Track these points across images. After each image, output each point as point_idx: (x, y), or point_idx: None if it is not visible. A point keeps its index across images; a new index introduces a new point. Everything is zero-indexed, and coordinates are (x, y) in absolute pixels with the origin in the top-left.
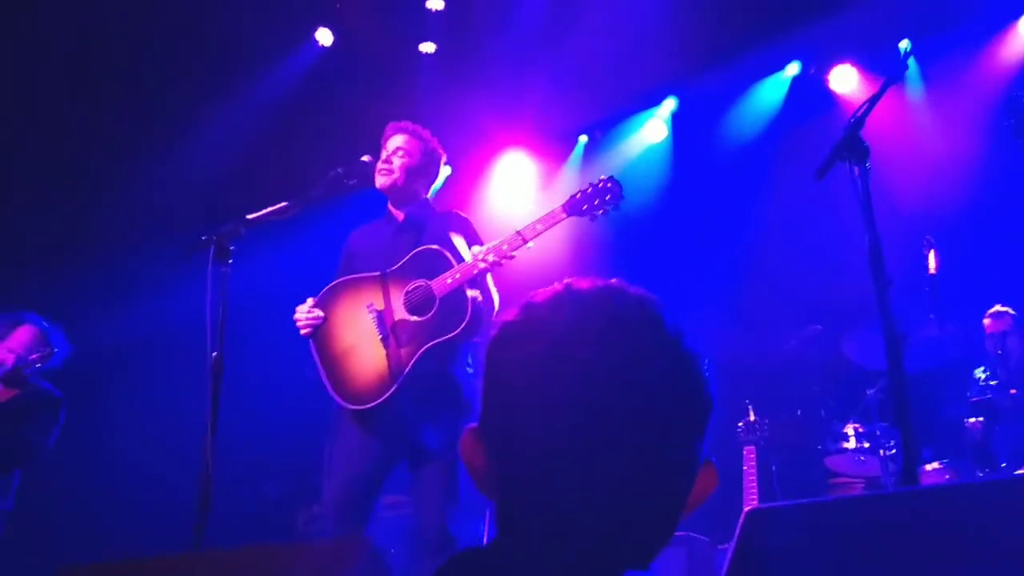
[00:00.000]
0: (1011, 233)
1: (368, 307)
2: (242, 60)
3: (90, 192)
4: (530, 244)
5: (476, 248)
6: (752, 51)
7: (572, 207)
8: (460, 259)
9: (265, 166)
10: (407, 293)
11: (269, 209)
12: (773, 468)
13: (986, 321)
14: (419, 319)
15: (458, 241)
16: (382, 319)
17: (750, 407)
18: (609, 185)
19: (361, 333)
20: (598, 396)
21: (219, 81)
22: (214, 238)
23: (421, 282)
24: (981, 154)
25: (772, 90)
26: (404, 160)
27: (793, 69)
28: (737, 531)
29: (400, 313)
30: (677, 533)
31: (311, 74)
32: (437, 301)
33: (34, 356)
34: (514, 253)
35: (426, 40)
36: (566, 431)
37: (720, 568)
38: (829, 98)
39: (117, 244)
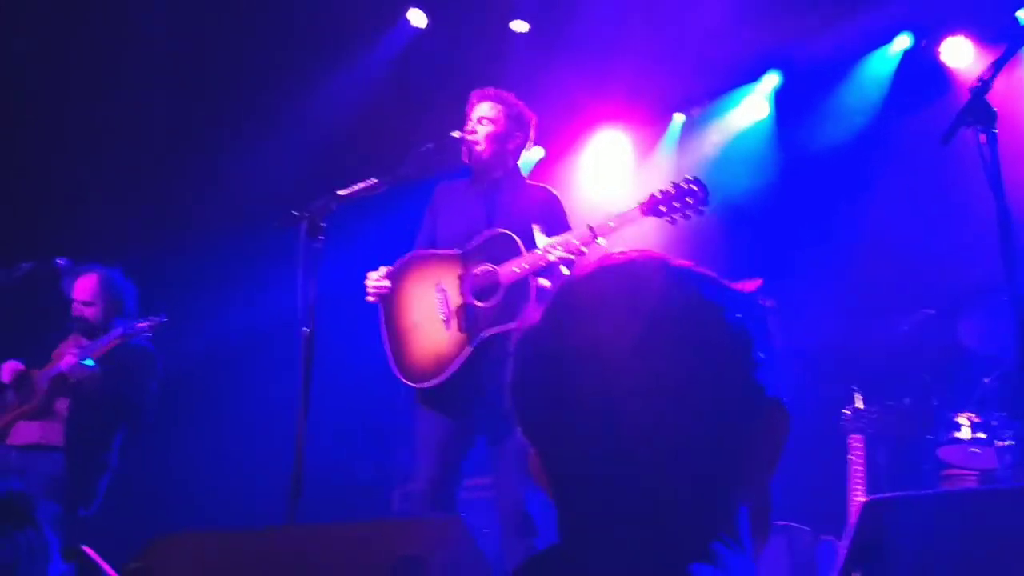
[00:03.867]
0: None
1: (436, 285)
2: (335, 42)
3: (188, 178)
4: (602, 241)
5: (545, 240)
6: (859, 23)
7: (650, 207)
8: (532, 246)
9: (360, 149)
10: (475, 276)
11: (359, 185)
12: (880, 458)
13: None
14: (483, 304)
15: (540, 222)
16: (447, 300)
17: (857, 394)
18: (694, 188)
19: (425, 311)
20: (629, 376)
21: (312, 65)
22: (306, 215)
23: (490, 266)
24: None
25: (881, 64)
26: (489, 128)
27: (904, 42)
28: (855, 522)
29: (466, 296)
30: (778, 523)
31: (404, 56)
32: (502, 288)
33: (142, 325)
34: (585, 249)
35: (517, 18)
36: (603, 419)
37: (822, 559)
38: (941, 72)
39: (214, 228)
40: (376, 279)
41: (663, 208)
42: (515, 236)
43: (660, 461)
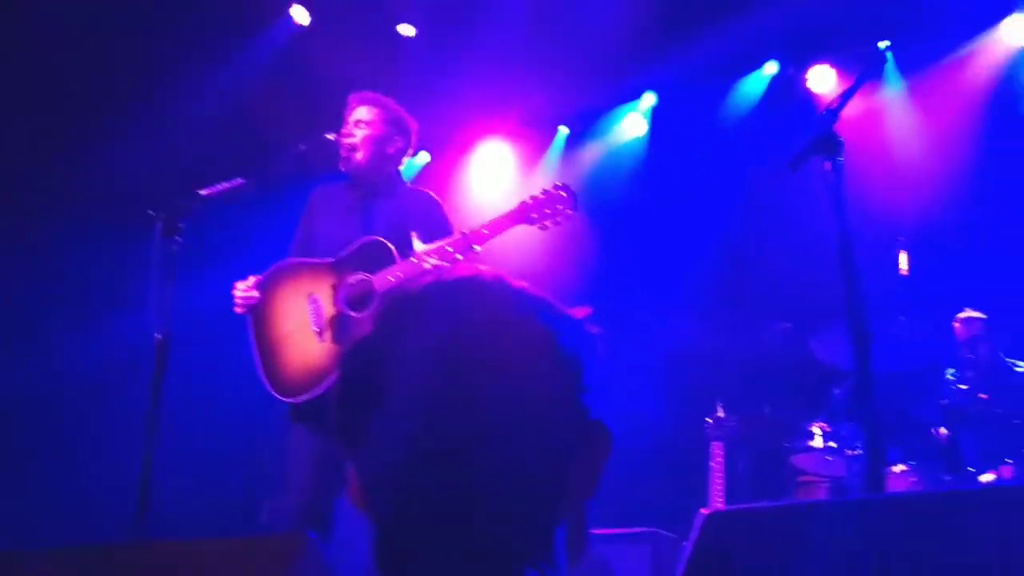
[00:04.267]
0: (984, 236)
1: (308, 296)
2: (213, 35)
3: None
4: (477, 247)
5: (421, 246)
6: (730, 48)
7: (521, 214)
8: (409, 254)
9: (234, 149)
10: (349, 285)
11: (224, 185)
12: (740, 465)
13: (956, 325)
14: (357, 314)
15: (419, 228)
16: (319, 310)
17: (719, 404)
18: (562, 194)
19: (297, 322)
20: (452, 394)
21: (188, 57)
22: (162, 214)
23: (364, 275)
24: (956, 156)
25: (751, 88)
26: (366, 132)
27: (772, 68)
28: (695, 533)
29: (340, 306)
30: (642, 529)
31: (285, 53)
32: (377, 297)
33: None
34: (460, 256)
35: (405, 22)
36: (423, 437)
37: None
38: (807, 97)
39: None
40: (244, 289)
41: (534, 215)
42: (389, 244)
43: (479, 483)
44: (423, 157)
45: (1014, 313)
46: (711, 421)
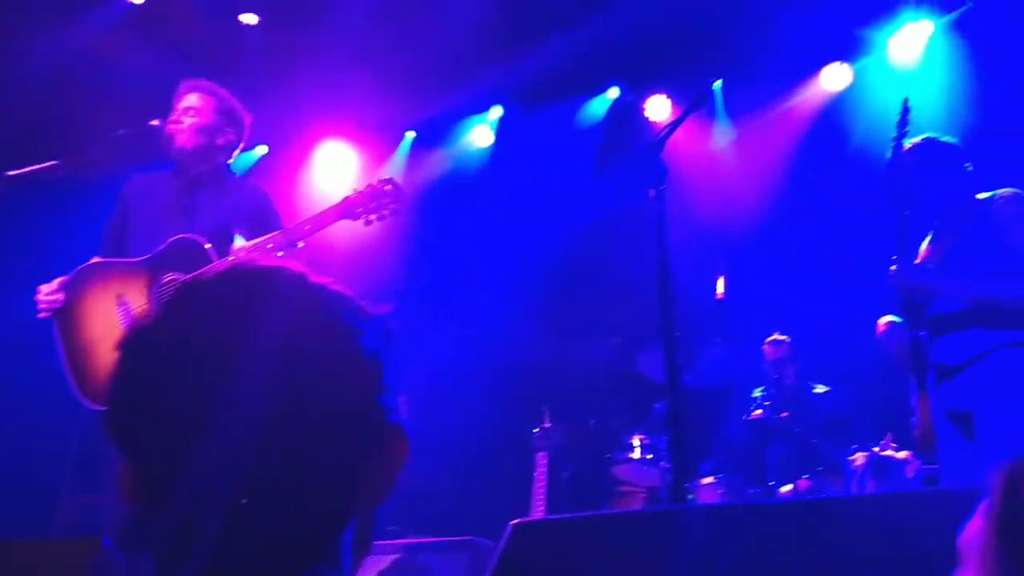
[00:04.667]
0: (794, 266)
1: (118, 298)
2: (36, 6)
3: None
4: (300, 244)
5: (240, 242)
6: (576, 69)
7: (345, 209)
8: (225, 252)
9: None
10: (163, 286)
11: (35, 167)
12: (564, 475)
13: (765, 347)
14: None
15: (246, 222)
16: (129, 313)
17: (547, 414)
18: (387, 188)
19: (107, 326)
20: (242, 390)
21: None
22: None
23: (178, 276)
24: (774, 191)
25: (594, 109)
26: (195, 120)
27: (613, 92)
28: (501, 543)
29: (153, 309)
30: (462, 538)
31: (116, 32)
32: None
33: None
34: (280, 253)
35: (248, 11)
36: (208, 433)
37: None
38: (644, 124)
39: None
40: (47, 292)
41: (359, 209)
42: (204, 242)
43: (261, 481)
44: (260, 150)
45: (819, 338)
46: (538, 431)
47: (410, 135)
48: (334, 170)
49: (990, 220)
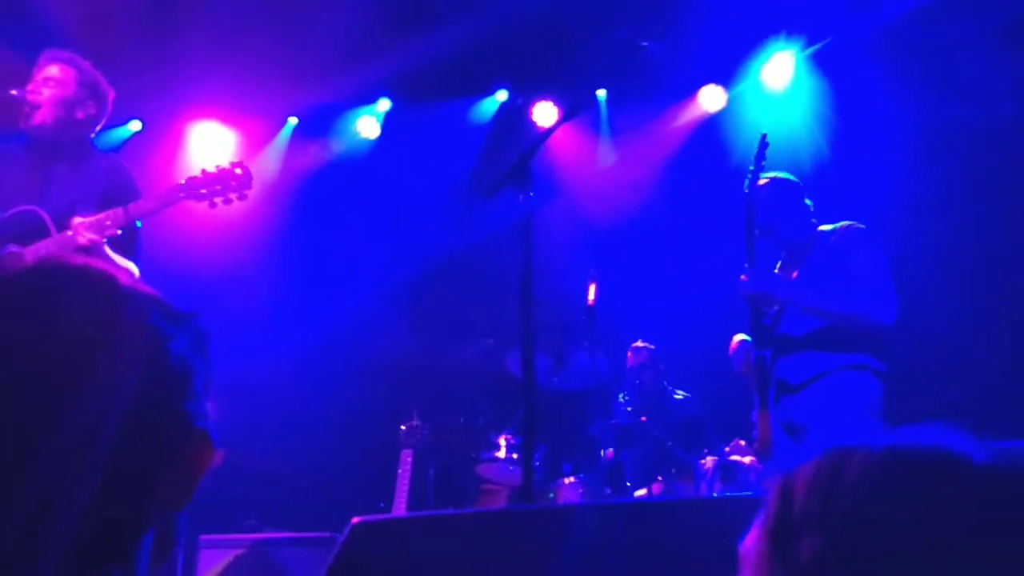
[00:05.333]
0: (661, 276)
1: None
2: None
3: None
4: (138, 223)
5: (79, 219)
6: (465, 70)
7: (190, 189)
8: (67, 225)
9: None
10: (1, 258)
11: None
12: (430, 473)
13: (629, 353)
14: None
15: (103, 196)
16: None
17: (415, 412)
18: (237, 172)
19: None
20: (36, 391)
21: None
22: None
23: (16, 249)
24: (648, 202)
25: (482, 110)
26: (55, 91)
27: (502, 95)
28: (341, 540)
29: None
30: (319, 534)
31: None
32: None
33: None
34: (119, 231)
35: None
36: None
37: None
38: (531, 129)
39: None
40: None
41: (203, 191)
42: (43, 215)
43: (61, 488)
44: (134, 125)
45: (681, 346)
46: (404, 429)
47: (292, 121)
48: (210, 151)
49: (832, 249)
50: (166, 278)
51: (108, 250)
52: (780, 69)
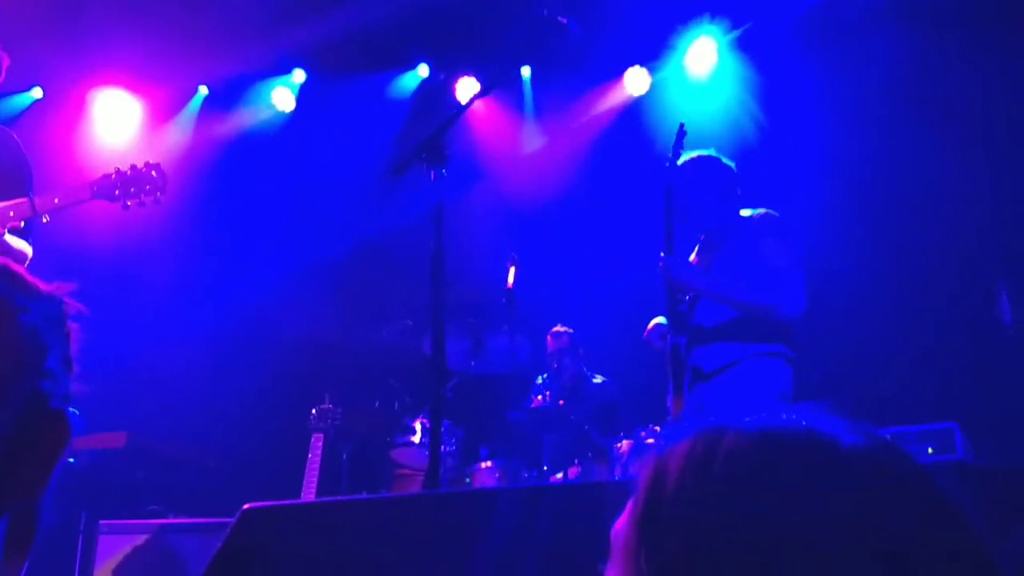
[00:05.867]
0: (583, 261)
1: None
2: None
3: None
4: (44, 218)
5: None
6: (385, 43)
7: (101, 189)
8: None
9: None
10: None
11: None
12: (343, 457)
13: (548, 338)
14: None
15: None
16: None
17: (327, 394)
18: (153, 174)
19: None
20: None
21: None
22: None
23: None
24: (569, 185)
25: (403, 84)
26: None
27: (423, 71)
28: (231, 527)
29: None
30: (219, 520)
31: None
32: None
33: None
34: (21, 223)
35: None
36: None
37: None
38: (454, 106)
39: None
40: None
41: (117, 191)
42: None
43: None
44: (35, 93)
45: (600, 330)
46: (315, 412)
47: (203, 90)
48: (114, 120)
49: (747, 237)
50: (67, 255)
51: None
52: (704, 54)
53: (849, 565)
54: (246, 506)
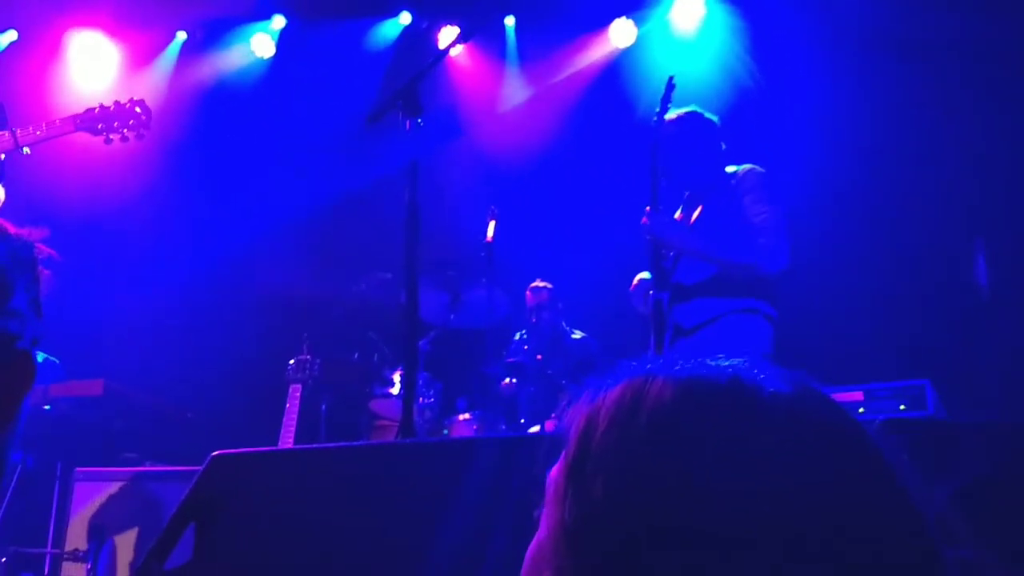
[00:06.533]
0: (563, 215)
1: None
2: None
3: None
4: (26, 150)
5: None
6: None
7: (86, 122)
8: None
9: None
10: None
11: None
12: (322, 408)
13: (527, 293)
14: None
15: None
16: None
17: (305, 345)
18: (137, 110)
19: None
20: None
21: None
22: None
23: None
24: (554, 138)
25: (384, 33)
26: None
27: (405, 18)
28: (199, 472)
29: None
30: (195, 467)
31: None
32: None
33: None
34: (2, 155)
35: None
36: None
37: None
38: (435, 54)
39: None
40: None
41: (100, 125)
42: None
43: None
44: (9, 36)
45: (581, 285)
46: (293, 363)
47: (181, 35)
48: (91, 64)
49: (731, 193)
50: (43, 200)
51: None
52: (691, 8)
53: (765, 515)
54: (215, 453)
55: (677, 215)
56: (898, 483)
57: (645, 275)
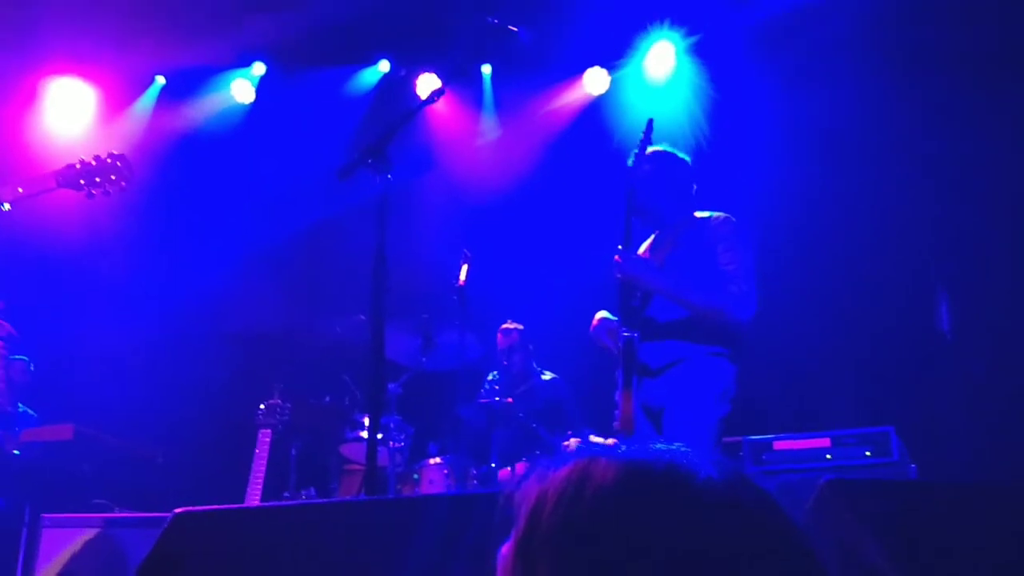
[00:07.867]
0: (537, 258)
1: None
2: None
3: None
4: (6, 206)
5: None
6: (346, 37)
7: (66, 178)
8: None
9: None
10: None
11: None
12: (292, 452)
13: (499, 334)
14: None
15: None
16: None
17: (276, 390)
18: (117, 164)
19: None
20: None
21: None
22: None
23: None
24: (527, 185)
25: (364, 80)
26: None
27: (384, 66)
28: (161, 531)
29: None
30: (163, 514)
31: None
32: None
33: None
34: None
35: None
36: None
37: None
38: (413, 100)
39: None
40: None
41: (82, 181)
42: None
43: None
44: None
45: (551, 327)
46: (264, 407)
47: (160, 81)
48: (68, 110)
49: (704, 238)
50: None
51: None
52: (662, 58)
53: None
54: (178, 510)
55: (642, 250)
56: (818, 566)
57: (605, 313)
